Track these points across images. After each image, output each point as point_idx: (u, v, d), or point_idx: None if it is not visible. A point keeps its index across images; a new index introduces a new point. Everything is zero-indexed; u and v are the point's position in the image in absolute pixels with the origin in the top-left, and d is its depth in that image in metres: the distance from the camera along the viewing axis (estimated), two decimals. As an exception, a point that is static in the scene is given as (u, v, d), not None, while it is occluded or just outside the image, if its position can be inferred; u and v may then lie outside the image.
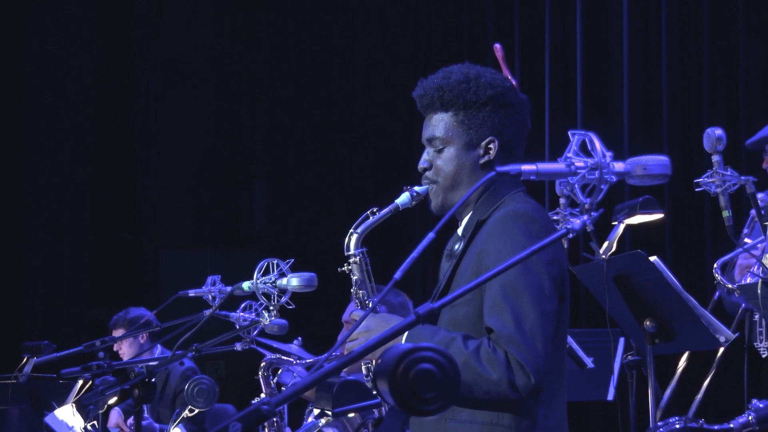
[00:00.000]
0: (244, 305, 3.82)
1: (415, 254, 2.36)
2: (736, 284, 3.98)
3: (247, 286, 3.66)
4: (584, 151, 2.49)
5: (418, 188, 2.96)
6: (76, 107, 9.52)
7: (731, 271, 4.22)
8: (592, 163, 2.46)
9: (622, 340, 5.02)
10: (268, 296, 3.61)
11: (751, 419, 3.20)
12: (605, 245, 4.21)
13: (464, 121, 2.88)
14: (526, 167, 2.50)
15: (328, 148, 9.47)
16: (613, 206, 4.56)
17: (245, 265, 4.12)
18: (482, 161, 2.88)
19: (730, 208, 3.83)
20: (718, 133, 3.80)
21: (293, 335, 4.46)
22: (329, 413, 3.79)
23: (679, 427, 3.32)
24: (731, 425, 3.23)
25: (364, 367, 2.97)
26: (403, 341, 2.70)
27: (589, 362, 4.79)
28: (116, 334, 6.21)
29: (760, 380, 4.17)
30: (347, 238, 3.00)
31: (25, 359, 4.81)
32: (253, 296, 3.66)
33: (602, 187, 2.45)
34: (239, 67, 10.28)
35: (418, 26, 8.89)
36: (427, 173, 2.93)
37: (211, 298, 4.01)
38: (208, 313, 3.75)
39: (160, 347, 6.33)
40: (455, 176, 2.89)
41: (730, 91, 7.11)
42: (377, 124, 8.88)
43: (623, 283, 4.03)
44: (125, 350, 6.53)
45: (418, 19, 8.90)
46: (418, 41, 8.78)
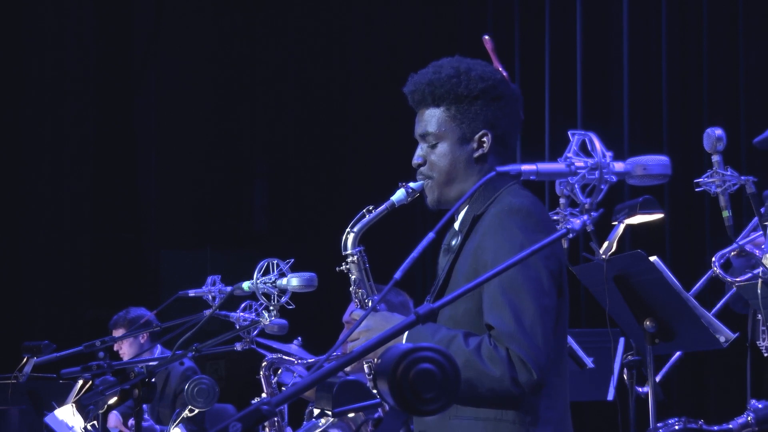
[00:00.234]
0: (244, 305, 3.81)
1: (415, 254, 2.36)
2: (733, 278, 3.96)
3: (247, 286, 3.66)
4: (584, 151, 2.49)
5: (413, 184, 2.95)
6: (76, 107, 9.52)
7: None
8: (592, 163, 2.46)
9: (622, 340, 5.02)
10: (268, 296, 3.61)
11: (750, 420, 3.20)
12: (605, 245, 4.20)
13: (456, 115, 2.87)
14: (526, 167, 2.50)
15: (327, 148, 9.47)
16: (613, 206, 4.55)
17: (245, 265, 4.11)
18: (476, 155, 2.88)
19: (730, 208, 3.82)
20: (718, 133, 3.79)
21: (293, 335, 4.46)
22: (329, 413, 3.79)
23: (678, 427, 3.32)
24: (730, 426, 3.23)
25: (366, 366, 2.97)
26: (403, 341, 2.70)
27: (589, 362, 4.79)
28: (116, 333, 6.21)
29: (762, 379, 4.16)
30: (344, 237, 2.99)
31: (25, 359, 4.81)
32: (253, 296, 3.66)
33: (602, 187, 2.45)
34: (239, 67, 10.28)
35: (418, 26, 8.89)
36: (421, 169, 2.93)
37: (211, 298, 4.01)
38: (208, 313, 3.75)
39: (160, 347, 6.33)
40: (450, 171, 2.88)
41: (730, 91, 7.11)
42: (377, 123, 8.87)
43: (623, 283, 4.03)
44: (126, 350, 6.53)
45: (418, 19, 8.90)
46: (418, 41, 8.78)
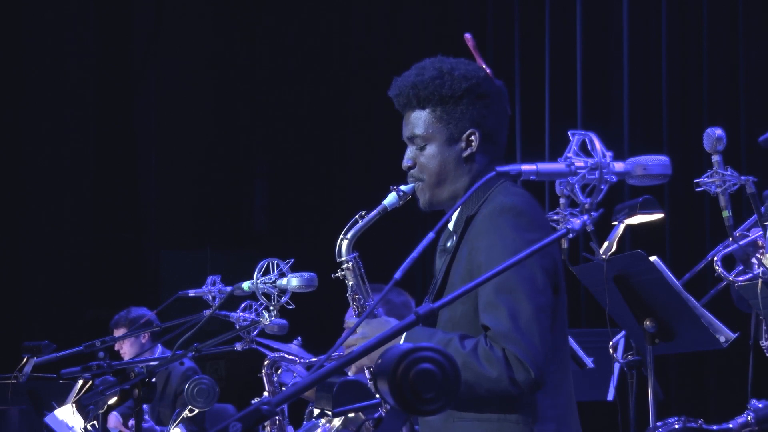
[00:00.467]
0: (244, 305, 3.81)
1: (415, 254, 2.36)
2: (734, 275, 3.95)
3: (247, 286, 3.65)
4: (584, 151, 2.49)
5: (404, 187, 2.96)
6: (76, 107, 9.52)
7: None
8: (592, 163, 2.45)
9: (622, 340, 5.02)
10: (268, 296, 3.61)
11: (750, 419, 3.20)
12: (605, 245, 4.20)
13: (443, 116, 2.88)
14: (526, 167, 2.50)
15: (327, 148, 9.46)
16: (613, 206, 4.55)
17: (245, 265, 4.11)
18: (465, 154, 2.88)
19: (730, 208, 3.82)
20: (718, 133, 3.78)
21: (293, 335, 4.46)
22: (329, 413, 3.79)
23: (678, 427, 3.32)
24: (730, 425, 3.23)
25: (367, 371, 2.96)
26: (401, 342, 2.70)
27: (589, 362, 4.79)
28: (117, 333, 6.21)
29: (765, 379, 4.15)
30: (338, 244, 2.99)
31: (25, 359, 4.81)
32: (253, 296, 3.66)
33: (602, 187, 2.45)
34: (239, 67, 10.28)
35: (418, 27, 8.88)
36: (411, 171, 2.93)
37: (211, 298, 4.01)
38: (208, 313, 3.75)
39: (160, 347, 6.32)
40: (440, 172, 2.88)
41: (730, 91, 7.11)
42: (377, 123, 8.87)
43: (623, 283, 4.03)
44: (126, 350, 6.53)
45: (418, 19, 8.90)
46: (417, 41, 8.77)
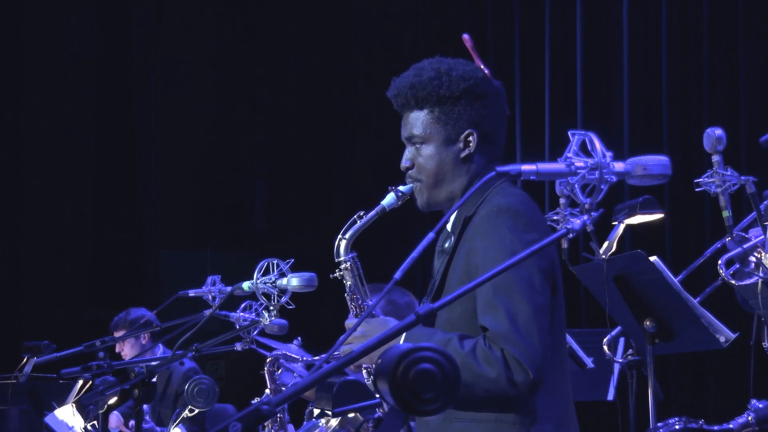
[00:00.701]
0: (244, 305, 3.81)
1: (415, 254, 2.36)
2: (731, 272, 3.95)
3: (247, 286, 3.65)
4: (584, 151, 2.49)
5: (402, 188, 2.96)
6: (76, 107, 9.52)
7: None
8: (592, 163, 2.45)
9: (622, 340, 5.02)
10: (268, 296, 3.60)
11: (750, 419, 3.20)
12: (605, 245, 4.20)
13: (440, 117, 2.88)
14: (526, 167, 2.49)
15: (327, 148, 9.46)
16: (613, 206, 4.55)
17: (245, 265, 4.11)
18: (463, 155, 2.88)
19: (730, 208, 3.82)
20: (718, 133, 3.78)
21: (293, 335, 4.46)
22: (329, 413, 3.78)
23: (678, 427, 3.32)
24: (731, 425, 3.22)
25: (364, 371, 2.96)
26: (401, 342, 2.70)
27: (589, 362, 4.79)
28: (117, 335, 6.20)
29: (765, 380, 4.15)
30: (336, 244, 3.00)
31: (25, 359, 4.80)
32: (253, 296, 3.66)
33: (602, 187, 2.45)
34: (239, 67, 10.28)
35: (418, 27, 8.88)
36: (410, 172, 2.94)
37: (211, 298, 4.01)
38: (208, 313, 3.75)
39: (161, 347, 6.32)
40: (438, 173, 2.89)
41: (730, 91, 7.11)
42: (377, 123, 8.87)
43: (623, 283, 4.03)
44: (127, 351, 6.52)
45: (418, 19, 8.90)
46: (418, 42, 8.78)
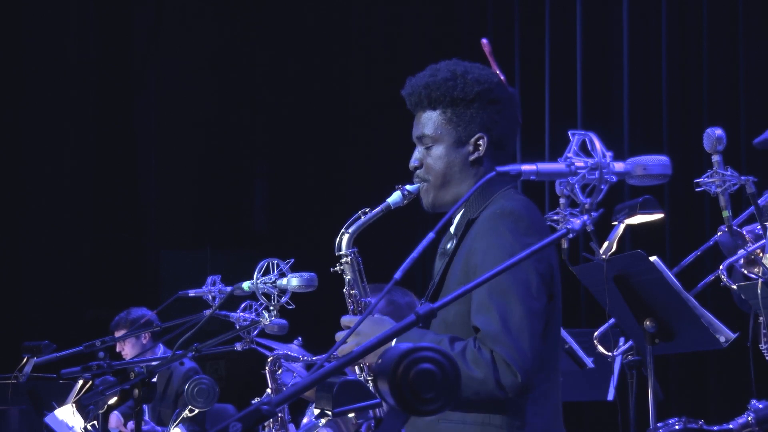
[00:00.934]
0: (244, 305, 3.81)
1: (415, 254, 2.35)
2: (735, 282, 3.96)
3: (247, 286, 3.65)
4: (584, 151, 2.49)
5: (409, 187, 2.96)
6: (76, 107, 9.52)
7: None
8: (592, 163, 2.45)
9: (622, 340, 5.02)
10: (268, 296, 3.60)
11: (750, 420, 3.20)
12: (605, 245, 4.20)
13: (452, 118, 2.88)
14: (526, 167, 2.49)
15: (327, 148, 9.46)
16: (613, 206, 4.55)
17: (245, 265, 4.11)
18: (472, 158, 2.89)
19: (730, 208, 3.82)
20: (718, 133, 3.78)
21: (293, 335, 4.45)
22: (329, 413, 3.78)
23: (678, 427, 3.32)
24: (730, 426, 3.23)
25: (357, 368, 2.97)
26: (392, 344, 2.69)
27: (589, 362, 4.79)
28: (118, 335, 6.20)
29: (765, 380, 4.15)
30: (338, 237, 3.01)
31: (25, 359, 4.80)
32: (253, 296, 3.66)
33: (602, 187, 2.45)
34: (239, 67, 10.28)
35: (418, 26, 8.88)
36: (417, 172, 2.94)
37: (211, 298, 4.00)
38: (208, 313, 3.75)
39: (162, 347, 6.32)
40: (445, 174, 2.89)
41: (730, 91, 7.11)
42: (377, 123, 8.87)
43: (623, 283, 4.03)
44: (128, 351, 6.52)
45: (418, 19, 8.90)
46: (418, 41, 8.78)
